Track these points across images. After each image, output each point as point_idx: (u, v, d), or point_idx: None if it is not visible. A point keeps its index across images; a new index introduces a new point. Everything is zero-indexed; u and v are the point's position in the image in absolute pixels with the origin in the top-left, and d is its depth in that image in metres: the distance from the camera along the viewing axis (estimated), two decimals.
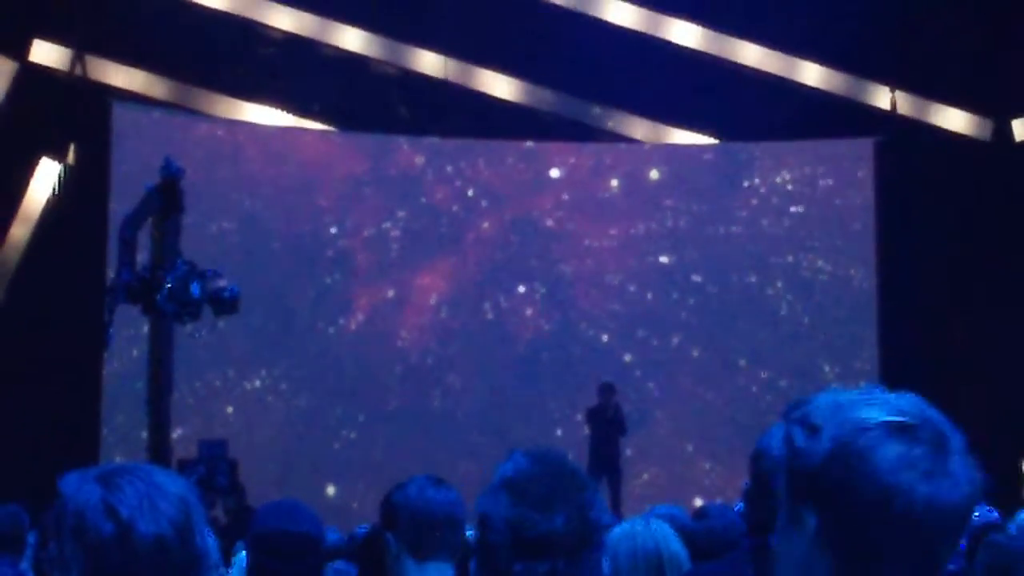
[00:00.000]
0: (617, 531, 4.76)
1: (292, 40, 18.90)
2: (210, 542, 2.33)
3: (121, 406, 17.88)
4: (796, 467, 1.93)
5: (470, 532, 4.02)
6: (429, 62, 19.52)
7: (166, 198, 13.04)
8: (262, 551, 4.28)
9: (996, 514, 7.95)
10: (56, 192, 17.96)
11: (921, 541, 1.88)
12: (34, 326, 17.05)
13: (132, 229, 13.07)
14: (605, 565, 4.18)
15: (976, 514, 4.49)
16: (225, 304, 13.02)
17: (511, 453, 2.65)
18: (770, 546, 2.04)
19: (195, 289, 12.78)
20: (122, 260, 12.96)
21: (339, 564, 7.12)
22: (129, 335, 16.96)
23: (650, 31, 19.59)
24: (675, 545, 4.22)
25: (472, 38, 19.13)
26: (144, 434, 14.13)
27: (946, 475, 1.88)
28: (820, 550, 1.91)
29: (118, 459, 17.33)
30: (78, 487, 2.29)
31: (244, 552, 8.05)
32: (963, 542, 1.94)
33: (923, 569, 1.91)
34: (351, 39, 19.31)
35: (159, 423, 13.06)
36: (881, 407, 1.92)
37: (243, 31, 18.60)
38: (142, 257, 13.35)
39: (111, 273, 14.19)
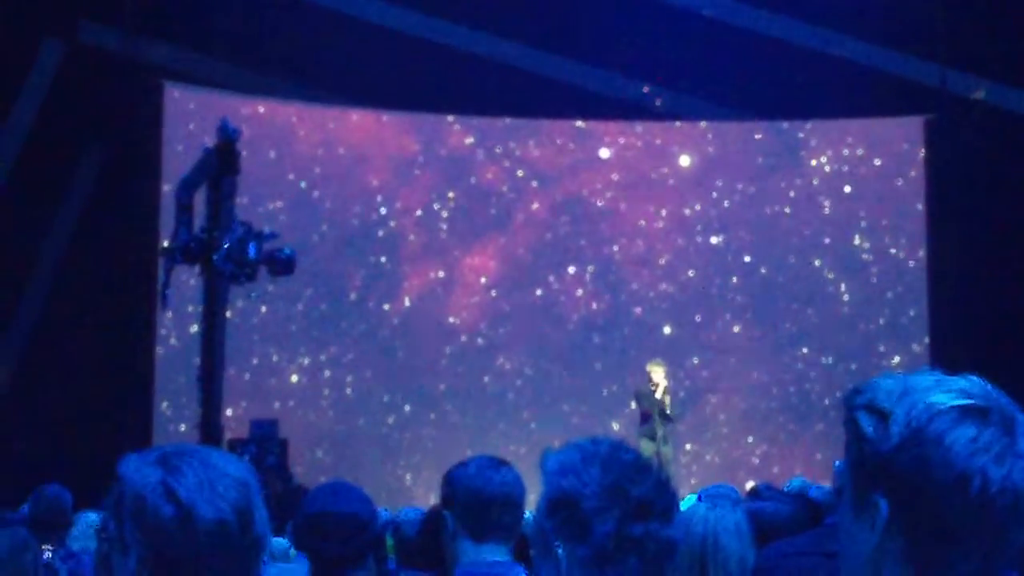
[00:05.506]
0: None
1: (342, 19, 18.87)
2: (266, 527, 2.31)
3: (173, 385, 17.94)
4: (866, 454, 1.93)
5: (528, 514, 3.98)
6: (480, 42, 19.46)
7: (222, 160, 12.96)
8: (309, 532, 4.29)
9: None
10: (107, 172, 18.01)
11: (994, 524, 1.89)
12: (83, 309, 17.10)
13: (189, 191, 12.99)
14: None
15: None
16: (281, 264, 12.93)
17: (551, 450, 2.63)
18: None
19: (252, 250, 12.72)
20: (179, 221, 12.86)
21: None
22: (182, 314, 17.02)
23: (699, 9, 19.46)
24: (728, 523, 4.16)
25: (523, 17, 19.06)
26: (193, 414, 14.12)
27: (1017, 456, 1.89)
28: (891, 535, 1.92)
29: (170, 439, 17.42)
30: (137, 469, 2.26)
31: (280, 537, 8.06)
32: None
33: (994, 551, 1.91)
34: (402, 18, 19.27)
35: (211, 400, 13.02)
36: (949, 391, 1.92)
37: (293, 10, 18.58)
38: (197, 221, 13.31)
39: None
